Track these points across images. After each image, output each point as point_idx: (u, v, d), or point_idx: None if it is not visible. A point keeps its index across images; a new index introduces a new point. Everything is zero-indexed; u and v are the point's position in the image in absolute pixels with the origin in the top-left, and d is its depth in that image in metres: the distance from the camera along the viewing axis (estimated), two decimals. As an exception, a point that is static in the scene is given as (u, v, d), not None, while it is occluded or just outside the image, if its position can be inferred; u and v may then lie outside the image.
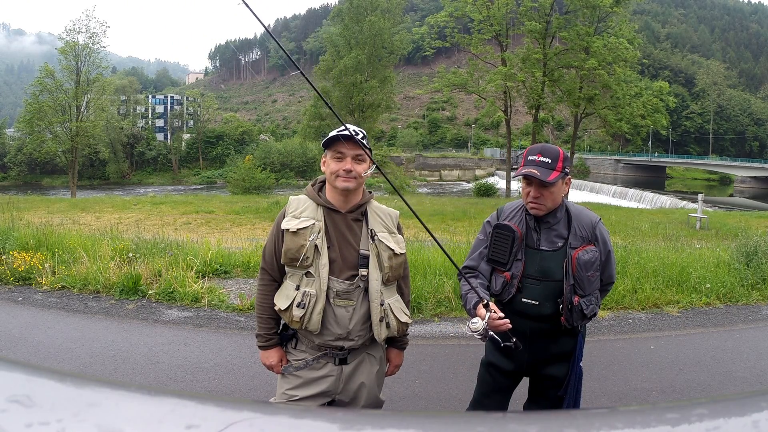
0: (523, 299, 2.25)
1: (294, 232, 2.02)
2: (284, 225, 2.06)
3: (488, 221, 2.41)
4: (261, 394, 3.64)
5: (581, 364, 2.35)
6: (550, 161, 2.15)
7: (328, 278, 2.01)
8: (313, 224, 2.03)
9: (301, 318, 2.00)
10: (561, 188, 2.22)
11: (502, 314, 2.02)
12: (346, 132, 1.98)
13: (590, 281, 2.21)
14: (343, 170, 2.00)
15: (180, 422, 0.38)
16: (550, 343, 2.30)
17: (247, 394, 3.68)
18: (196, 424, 0.38)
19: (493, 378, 2.46)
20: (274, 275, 2.15)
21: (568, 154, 2.41)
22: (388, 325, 2.08)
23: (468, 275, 2.30)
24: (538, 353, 2.31)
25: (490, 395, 2.47)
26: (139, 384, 0.78)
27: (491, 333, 1.98)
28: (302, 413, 0.43)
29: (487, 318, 1.97)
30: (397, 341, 2.28)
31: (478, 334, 1.96)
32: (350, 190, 2.03)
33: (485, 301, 2.01)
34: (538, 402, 2.47)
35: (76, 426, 0.37)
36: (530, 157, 2.19)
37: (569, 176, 2.25)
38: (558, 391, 2.33)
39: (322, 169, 2.11)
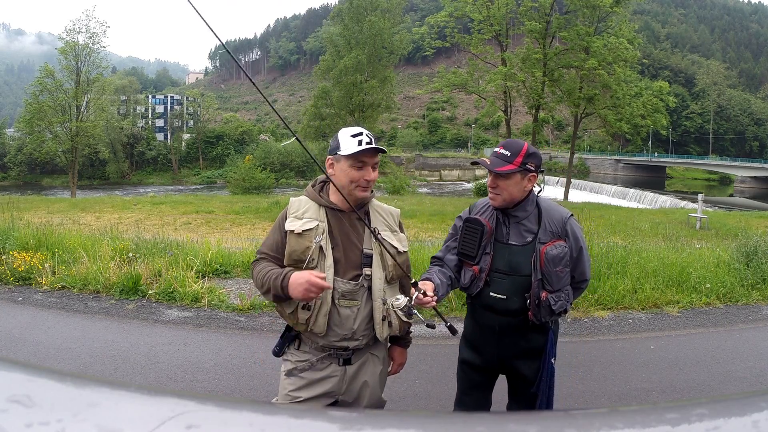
0: (490, 293, 2.26)
1: (299, 234, 1.99)
2: (288, 226, 2.03)
3: (460, 216, 2.45)
4: (261, 394, 3.64)
5: (553, 360, 2.33)
6: (508, 154, 2.20)
7: (334, 279, 1.99)
8: (317, 225, 2.01)
9: (306, 320, 1.98)
10: (520, 183, 2.22)
11: (431, 294, 2.00)
12: (364, 139, 1.97)
13: (559, 276, 2.20)
14: (365, 180, 1.99)
15: (180, 422, 0.38)
16: (520, 339, 2.30)
17: (247, 394, 3.68)
18: (196, 424, 0.38)
19: (467, 374, 2.48)
20: (273, 260, 2.09)
21: (537, 151, 2.32)
22: (390, 324, 2.07)
23: (433, 264, 2.39)
24: (507, 349, 2.32)
25: (469, 392, 2.50)
26: (139, 384, 0.78)
27: (414, 311, 1.96)
28: (302, 413, 0.43)
29: (415, 297, 1.95)
30: (401, 339, 2.29)
31: (401, 311, 1.95)
32: (367, 198, 2.05)
33: (413, 281, 2.01)
34: (516, 401, 2.46)
35: (76, 426, 0.37)
36: (494, 149, 2.28)
37: (533, 173, 2.22)
38: (531, 387, 2.33)
39: (329, 171, 2.05)
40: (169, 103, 79.90)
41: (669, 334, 5.03)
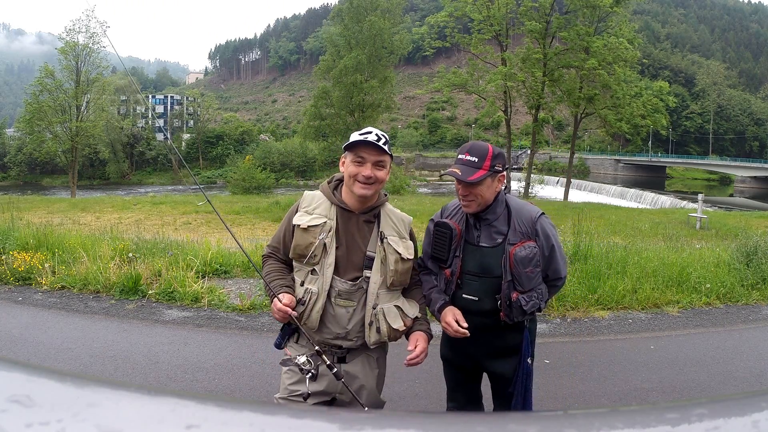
0: (463, 295, 2.28)
1: (305, 229, 2.02)
2: (296, 220, 2.06)
3: (432, 219, 2.45)
4: (261, 394, 3.64)
5: (529, 360, 2.34)
6: (476, 160, 2.16)
7: (332, 278, 2.01)
8: (325, 222, 2.03)
9: (300, 314, 2.01)
10: (491, 186, 2.21)
11: (464, 324, 2.09)
12: (370, 137, 1.97)
13: (529, 277, 2.19)
14: (363, 176, 1.98)
15: (180, 422, 0.38)
16: (495, 338, 2.32)
17: (247, 394, 3.68)
18: (196, 424, 0.37)
19: (448, 372, 2.53)
20: (279, 256, 2.18)
21: (501, 151, 2.32)
22: (378, 330, 2.06)
23: (422, 273, 2.39)
24: (483, 348, 2.34)
25: (456, 389, 2.54)
26: (139, 384, 0.78)
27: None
28: (302, 413, 0.43)
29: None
30: (420, 325, 2.20)
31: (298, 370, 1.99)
32: (367, 197, 2.03)
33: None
34: (498, 400, 2.47)
35: (76, 426, 0.37)
36: (459, 156, 2.23)
37: (502, 173, 2.22)
38: (509, 387, 2.34)
39: (341, 169, 2.10)
40: (169, 103, 79.98)
41: (669, 334, 5.03)
